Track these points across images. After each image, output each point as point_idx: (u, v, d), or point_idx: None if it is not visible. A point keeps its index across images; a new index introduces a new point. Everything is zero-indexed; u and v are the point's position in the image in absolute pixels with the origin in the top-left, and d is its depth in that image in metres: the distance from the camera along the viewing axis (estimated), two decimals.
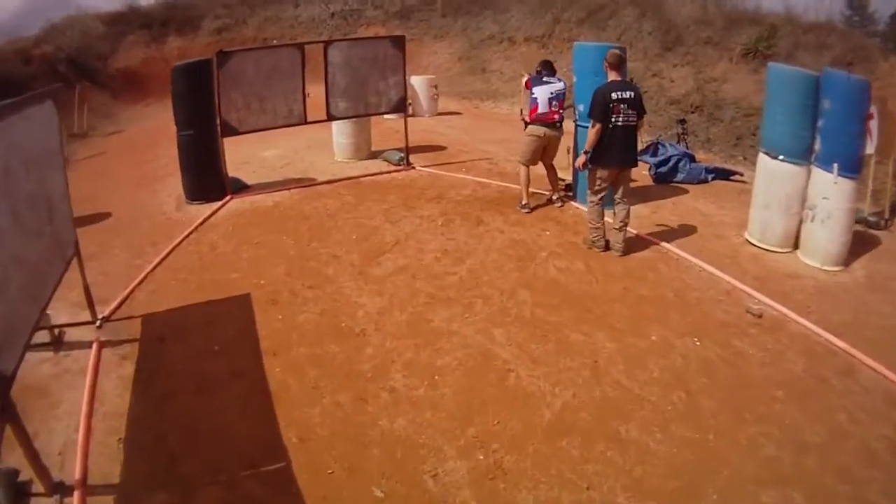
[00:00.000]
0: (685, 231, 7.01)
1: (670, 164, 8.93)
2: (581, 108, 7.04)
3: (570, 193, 7.98)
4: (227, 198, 8.10)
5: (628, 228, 6.38)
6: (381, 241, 6.71)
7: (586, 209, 6.56)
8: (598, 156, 6.13)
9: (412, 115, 12.69)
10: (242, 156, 9.60)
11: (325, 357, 4.64)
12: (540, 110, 7.14)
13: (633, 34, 14.74)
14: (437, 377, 4.40)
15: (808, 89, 6.22)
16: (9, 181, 3.36)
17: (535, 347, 4.75)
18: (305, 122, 8.73)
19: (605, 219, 6.43)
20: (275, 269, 6.07)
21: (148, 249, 6.56)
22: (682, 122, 11.36)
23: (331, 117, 9.05)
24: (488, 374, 4.45)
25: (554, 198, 7.82)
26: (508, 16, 18.40)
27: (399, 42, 9.21)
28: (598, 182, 6.22)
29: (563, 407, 4.10)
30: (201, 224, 7.27)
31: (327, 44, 8.76)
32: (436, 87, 14.40)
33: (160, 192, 8.61)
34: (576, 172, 7.48)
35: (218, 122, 7.93)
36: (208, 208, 7.77)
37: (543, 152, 7.46)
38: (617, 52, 6.19)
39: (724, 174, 9.21)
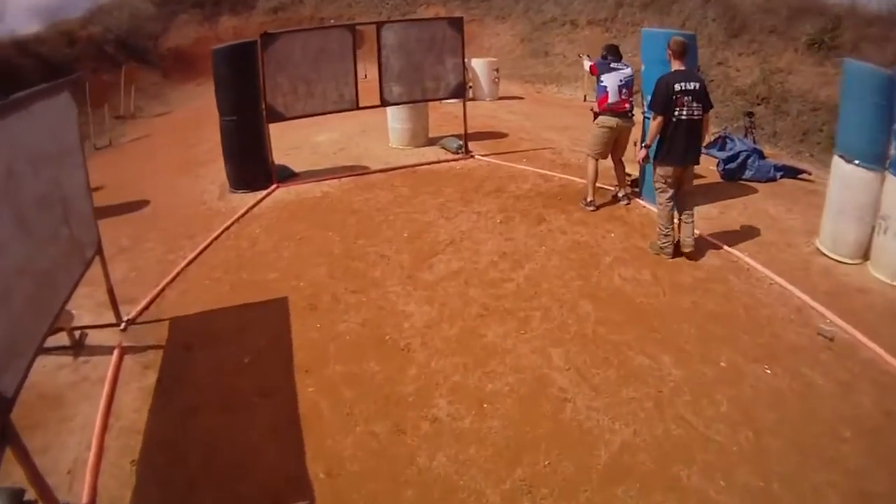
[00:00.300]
0: (754, 236, 6.41)
1: (739, 160, 8.36)
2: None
3: (637, 189, 7.39)
4: (273, 187, 7.77)
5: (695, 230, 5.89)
6: (435, 239, 6.26)
7: (656, 210, 6.02)
8: (660, 151, 5.69)
9: (472, 99, 12.27)
10: (294, 140, 9.31)
11: (364, 376, 4.20)
12: (610, 99, 6.60)
13: (698, 20, 14.28)
14: (485, 405, 3.92)
15: (881, 88, 5.57)
16: (12, 184, 3.03)
17: (596, 373, 4.22)
18: (357, 108, 8.28)
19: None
20: (317, 269, 5.67)
21: (184, 243, 6.27)
22: (750, 114, 10.60)
23: (384, 102, 8.58)
24: (543, 403, 3.94)
25: (620, 195, 7.22)
26: None
27: (457, 24, 8.66)
28: (663, 180, 5.75)
29: (622, 447, 3.60)
30: (243, 216, 6.95)
31: (380, 25, 8.27)
32: (497, 70, 14.00)
33: (203, 179, 8.37)
34: (643, 167, 6.91)
35: (263, 107, 7.58)
36: (252, 198, 7.45)
37: (615, 145, 6.90)
38: (681, 39, 5.66)
39: (793, 172, 8.60)
